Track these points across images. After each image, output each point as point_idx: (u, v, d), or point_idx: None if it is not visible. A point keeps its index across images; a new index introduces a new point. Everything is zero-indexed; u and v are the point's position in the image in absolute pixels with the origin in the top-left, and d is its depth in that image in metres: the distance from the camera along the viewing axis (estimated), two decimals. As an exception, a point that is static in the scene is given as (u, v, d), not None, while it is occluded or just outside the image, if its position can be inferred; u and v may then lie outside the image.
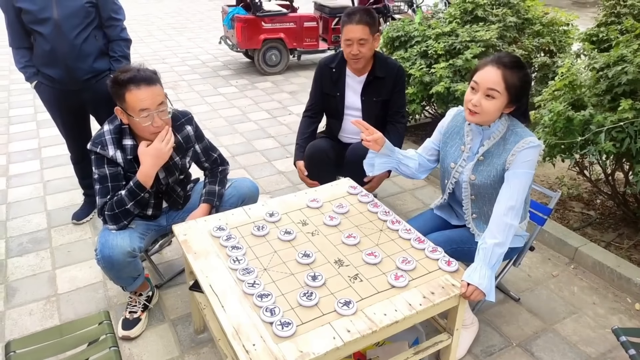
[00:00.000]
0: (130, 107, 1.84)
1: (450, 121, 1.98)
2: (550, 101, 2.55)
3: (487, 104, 1.69)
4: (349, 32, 2.38)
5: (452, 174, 1.95)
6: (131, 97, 1.82)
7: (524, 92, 1.72)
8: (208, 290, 1.55)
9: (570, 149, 2.42)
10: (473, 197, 1.92)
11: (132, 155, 1.96)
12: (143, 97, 1.82)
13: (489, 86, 1.67)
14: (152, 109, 1.84)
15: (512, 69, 1.66)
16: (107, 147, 1.92)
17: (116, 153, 1.93)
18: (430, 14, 4.54)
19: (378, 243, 1.79)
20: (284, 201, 2.07)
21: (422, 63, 3.56)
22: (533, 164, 1.74)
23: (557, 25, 3.91)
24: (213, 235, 1.81)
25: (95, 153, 1.92)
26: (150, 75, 1.86)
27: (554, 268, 2.61)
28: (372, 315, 1.45)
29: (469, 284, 1.58)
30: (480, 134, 1.84)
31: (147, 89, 1.83)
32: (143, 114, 1.83)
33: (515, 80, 1.66)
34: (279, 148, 4.06)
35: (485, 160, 1.83)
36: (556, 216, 2.97)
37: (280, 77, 6.04)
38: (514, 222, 1.71)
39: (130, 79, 1.82)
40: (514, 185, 1.72)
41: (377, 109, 2.62)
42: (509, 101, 1.70)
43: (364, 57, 2.43)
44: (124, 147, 1.95)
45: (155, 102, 1.85)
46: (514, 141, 1.75)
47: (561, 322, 2.23)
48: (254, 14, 5.70)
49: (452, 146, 1.95)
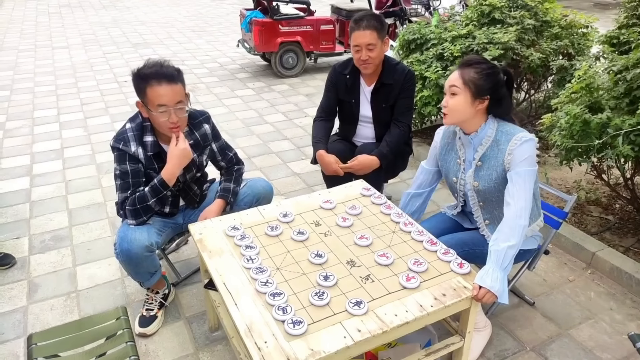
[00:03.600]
0: (150, 102, 1.88)
1: (440, 140, 2.05)
2: (567, 104, 2.53)
3: (452, 101, 1.78)
4: (357, 38, 2.40)
5: (457, 188, 1.98)
6: (152, 92, 1.86)
7: (487, 84, 1.75)
8: (222, 288, 1.58)
9: (588, 153, 2.39)
10: (481, 204, 1.92)
11: (152, 152, 2.01)
12: (162, 93, 1.85)
13: (449, 85, 1.79)
14: (170, 106, 1.87)
15: (470, 66, 1.77)
16: (129, 143, 1.97)
17: (138, 149, 1.98)
18: (447, 16, 4.52)
19: (390, 244, 1.80)
20: (298, 202, 2.09)
21: (437, 66, 3.55)
22: (533, 159, 1.75)
23: (576, 28, 3.85)
24: (228, 235, 1.84)
25: (118, 149, 1.98)
26: (172, 73, 1.89)
27: (571, 273, 2.58)
28: (383, 316, 1.46)
29: (480, 287, 1.58)
30: (470, 142, 1.87)
31: (168, 86, 1.86)
32: (160, 109, 1.87)
33: (472, 75, 1.74)
34: (294, 150, 4.09)
35: (483, 164, 1.85)
36: (574, 220, 2.93)
37: (297, 80, 6.08)
38: (526, 222, 1.71)
39: (153, 74, 1.86)
40: (520, 185, 1.73)
41: (387, 115, 2.62)
42: (472, 95, 1.75)
43: (373, 62, 2.44)
44: (145, 144, 2.00)
45: (174, 100, 1.88)
46: (506, 140, 1.78)
47: (577, 328, 2.21)
48: (272, 18, 5.75)
49: (450, 162, 1.99)
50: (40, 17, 10.21)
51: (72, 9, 11.18)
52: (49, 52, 7.29)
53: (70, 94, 5.46)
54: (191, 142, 2.07)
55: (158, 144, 2.03)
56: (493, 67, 1.78)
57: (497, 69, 1.79)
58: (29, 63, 6.70)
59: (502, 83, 1.79)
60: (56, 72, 6.31)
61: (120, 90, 5.57)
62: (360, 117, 2.67)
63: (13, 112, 4.87)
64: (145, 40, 8.05)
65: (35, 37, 8.38)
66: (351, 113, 2.68)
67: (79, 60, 6.89)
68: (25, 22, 9.64)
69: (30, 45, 7.77)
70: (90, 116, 4.79)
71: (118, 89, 5.63)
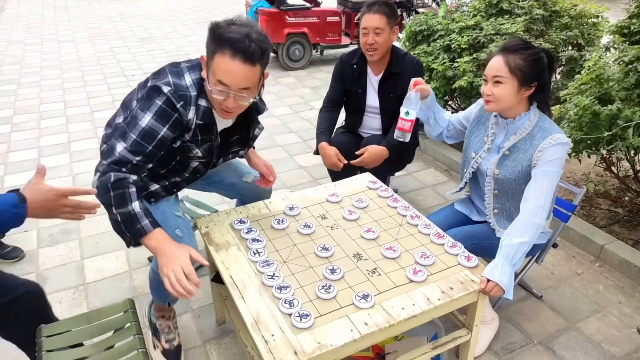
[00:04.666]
0: (213, 70, 1.51)
1: (478, 110, 1.99)
2: (576, 95, 2.50)
3: (498, 91, 1.71)
4: (366, 21, 2.40)
5: (471, 164, 1.94)
6: (220, 61, 1.48)
7: (534, 71, 1.69)
8: (229, 281, 1.58)
9: (597, 145, 2.37)
10: (496, 192, 1.90)
11: (203, 121, 1.63)
12: (231, 70, 1.48)
13: (493, 74, 1.71)
14: (232, 89, 1.51)
15: (515, 52, 1.68)
16: (189, 107, 1.58)
17: (193, 117, 1.60)
18: (455, 7, 4.47)
19: (397, 238, 1.79)
20: (304, 195, 2.09)
21: (445, 57, 3.52)
22: (561, 162, 1.72)
23: (586, 18, 3.79)
24: (234, 228, 1.84)
25: (173, 107, 1.55)
26: (254, 51, 1.47)
27: (579, 266, 2.56)
28: (390, 309, 1.46)
29: (488, 280, 1.57)
30: (505, 127, 1.83)
31: (242, 65, 1.47)
32: (219, 86, 1.51)
33: (519, 62, 1.67)
34: (300, 143, 4.08)
35: (510, 155, 1.81)
36: (582, 213, 2.91)
37: (303, 73, 6.05)
38: (542, 221, 1.69)
39: (231, 42, 1.45)
40: (543, 184, 1.70)
41: (395, 105, 2.60)
42: (519, 83, 1.69)
43: (380, 48, 2.42)
44: (199, 108, 1.62)
45: (241, 84, 1.51)
46: (542, 137, 1.73)
47: (585, 321, 2.19)
48: (278, 8, 5.71)
49: (477, 136, 1.95)
50: (46, 10, 10.22)
51: (78, 2, 11.17)
52: (55, 46, 7.30)
53: (77, 87, 5.47)
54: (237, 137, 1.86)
55: (212, 113, 1.64)
56: (538, 51, 1.71)
57: (542, 54, 1.72)
58: (36, 57, 6.71)
59: (546, 68, 1.72)
60: (62, 65, 6.32)
61: (127, 84, 5.57)
62: (366, 107, 2.66)
63: (20, 106, 4.89)
64: (151, 35, 8.03)
65: (42, 30, 8.39)
66: (357, 103, 2.66)
67: (86, 54, 6.89)
68: (32, 16, 9.65)
69: (36, 39, 7.78)
70: (97, 110, 4.80)
71: (125, 83, 5.63)
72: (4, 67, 6.20)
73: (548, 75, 1.75)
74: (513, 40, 1.75)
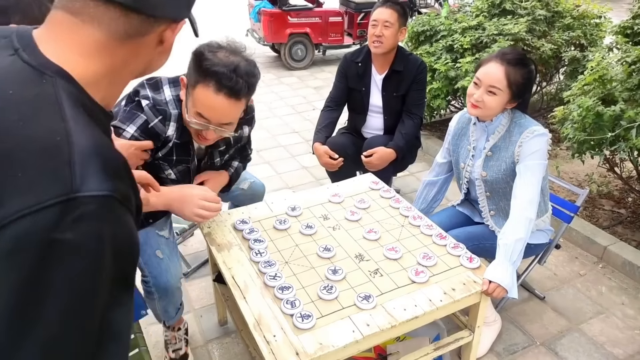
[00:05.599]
0: (193, 99, 1.45)
1: (455, 125, 2.01)
2: (580, 96, 2.49)
3: (489, 100, 1.71)
4: (377, 14, 2.44)
5: (463, 174, 1.97)
6: (201, 92, 1.41)
7: (527, 89, 1.74)
8: (230, 281, 1.58)
9: (600, 145, 2.36)
10: (488, 194, 1.91)
11: (180, 140, 1.60)
12: (213, 105, 1.42)
13: (491, 83, 1.69)
14: (211, 122, 1.46)
15: (516, 65, 1.67)
16: (168, 123, 1.53)
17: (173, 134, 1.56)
18: (457, 7, 4.47)
19: (399, 238, 1.79)
20: (306, 196, 2.09)
21: (447, 57, 3.52)
22: (543, 153, 1.73)
23: (589, 18, 3.79)
24: (236, 229, 1.84)
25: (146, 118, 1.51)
26: (240, 89, 1.42)
27: (582, 267, 2.55)
28: (392, 310, 1.45)
29: (490, 282, 1.57)
30: (484, 130, 1.85)
31: (225, 100, 1.41)
32: (199, 119, 1.46)
33: (518, 78, 1.67)
34: (302, 143, 4.08)
35: (493, 155, 1.83)
36: (585, 214, 2.90)
37: (306, 73, 6.05)
38: (532, 215, 1.69)
39: (216, 76, 1.39)
40: (528, 178, 1.71)
41: (397, 105, 2.61)
42: (510, 97, 1.70)
43: (385, 42, 2.43)
44: (178, 127, 1.59)
45: (222, 120, 1.47)
46: (519, 132, 1.75)
47: (587, 322, 2.19)
48: (280, 8, 5.72)
49: (462, 147, 1.98)
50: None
51: None
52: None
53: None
54: (222, 149, 1.82)
55: (189, 133, 1.59)
56: (533, 69, 1.72)
57: (534, 71, 1.73)
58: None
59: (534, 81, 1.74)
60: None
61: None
62: (370, 106, 2.66)
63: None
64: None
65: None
66: (361, 102, 2.67)
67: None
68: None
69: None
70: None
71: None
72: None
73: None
74: (513, 51, 1.74)
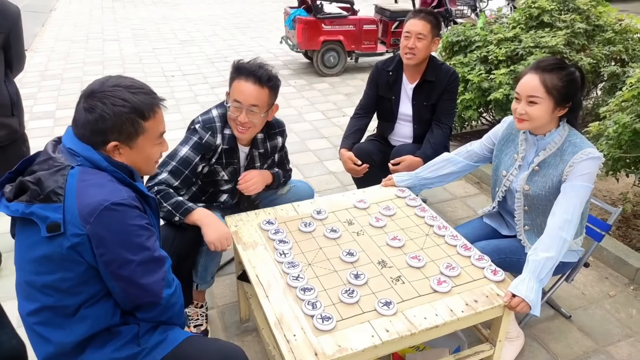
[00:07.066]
0: (231, 93, 1.92)
1: (505, 129, 1.96)
2: (617, 112, 2.43)
3: (532, 110, 1.68)
4: (410, 25, 2.45)
5: (503, 182, 1.92)
6: (236, 85, 1.90)
7: (570, 91, 1.67)
8: (254, 280, 1.61)
9: (636, 164, 2.30)
10: (526, 208, 1.87)
11: (227, 146, 2.00)
12: (243, 89, 1.87)
13: (528, 94, 1.67)
14: (243, 104, 1.88)
15: (551, 71, 1.65)
16: (216, 135, 1.96)
17: (221, 142, 1.97)
18: (494, 18, 4.42)
19: (423, 247, 1.79)
20: (332, 200, 2.11)
21: (481, 69, 3.49)
22: (592, 177, 1.68)
23: (632, 33, 3.68)
24: (262, 229, 1.88)
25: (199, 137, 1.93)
26: (262, 76, 1.88)
27: (612, 288, 2.48)
28: (412, 318, 1.46)
29: (514, 295, 1.55)
30: (535, 144, 1.80)
31: (252, 85, 1.87)
32: (235, 104, 1.90)
33: (556, 82, 1.64)
34: (331, 149, 4.10)
35: (540, 170, 1.78)
36: (617, 234, 2.81)
37: (337, 79, 6.09)
38: (568, 236, 1.65)
39: (245, 70, 1.89)
40: (571, 198, 1.67)
41: (427, 114, 2.60)
42: (555, 103, 1.66)
43: (418, 54, 2.43)
44: (224, 136, 1.99)
45: (250, 100, 1.87)
46: (572, 152, 1.70)
47: (615, 345, 2.12)
48: (315, 16, 5.78)
49: (507, 154, 1.92)
50: (94, 11, 10.65)
51: (124, 3, 11.59)
52: (99, 44, 7.60)
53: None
54: (261, 151, 2.10)
55: (234, 139, 2.01)
56: (573, 71, 1.68)
57: (576, 73, 1.69)
58: (80, 53, 7.00)
59: (580, 86, 1.70)
60: (105, 62, 6.56)
61: (167, 84, 5.74)
62: (399, 114, 2.67)
63: (62, 101, 5.09)
64: (192, 38, 8.25)
65: (88, 28, 8.75)
66: (390, 110, 2.68)
67: (128, 52, 7.14)
68: (80, 15, 10.07)
69: (82, 36, 8.11)
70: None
71: (165, 82, 5.80)
72: (50, 63, 6.50)
73: (580, 94, 1.72)
74: (548, 59, 1.72)
